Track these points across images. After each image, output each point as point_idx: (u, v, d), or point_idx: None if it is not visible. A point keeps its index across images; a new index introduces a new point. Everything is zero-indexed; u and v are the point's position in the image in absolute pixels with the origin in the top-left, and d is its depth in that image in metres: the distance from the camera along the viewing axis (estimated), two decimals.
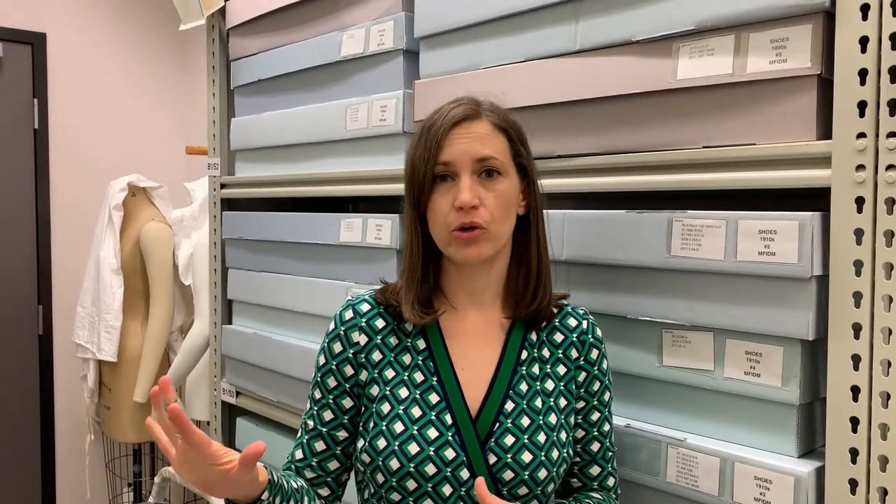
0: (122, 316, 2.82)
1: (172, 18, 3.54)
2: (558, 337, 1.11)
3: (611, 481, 1.13)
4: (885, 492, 0.92)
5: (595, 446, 1.12)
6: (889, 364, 0.92)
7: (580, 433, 1.12)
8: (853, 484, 0.94)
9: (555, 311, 1.12)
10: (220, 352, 2.11)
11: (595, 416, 1.12)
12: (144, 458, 3.12)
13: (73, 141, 3.38)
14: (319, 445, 1.09)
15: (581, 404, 1.11)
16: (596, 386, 1.12)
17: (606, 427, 1.13)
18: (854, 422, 0.94)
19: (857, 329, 0.94)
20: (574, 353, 1.11)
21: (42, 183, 3.31)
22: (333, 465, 1.09)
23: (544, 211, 1.12)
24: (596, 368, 1.12)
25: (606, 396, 1.13)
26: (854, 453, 0.94)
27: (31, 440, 3.32)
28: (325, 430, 1.09)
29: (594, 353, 1.12)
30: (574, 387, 1.10)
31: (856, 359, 0.94)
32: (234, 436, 2.09)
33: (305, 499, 1.04)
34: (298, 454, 1.10)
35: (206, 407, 2.60)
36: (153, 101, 3.60)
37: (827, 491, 0.97)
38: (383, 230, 1.56)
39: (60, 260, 3.36)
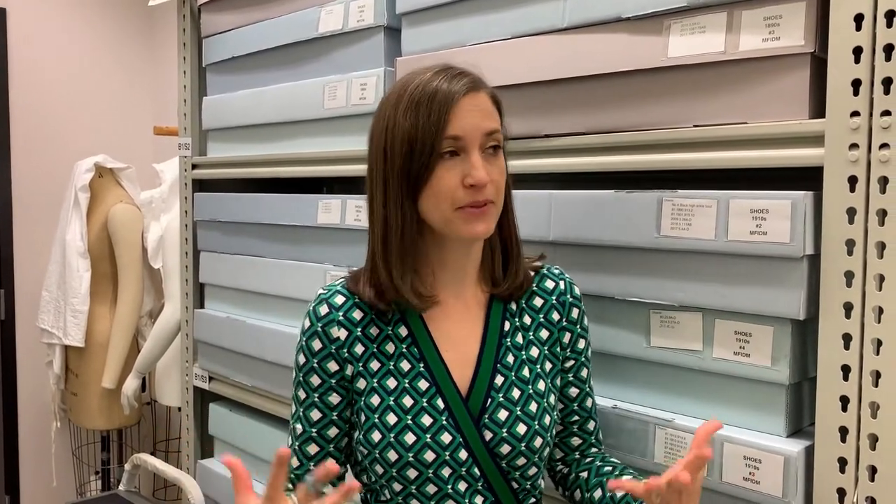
0: (90, 300, 2.75)
1: None
2: (538, 301, 1.10)
3: (599, 433, 1.16)
4: (874, 469, 0.92)
5: (588, 402, 1.14)
6: (880, 343, 0.92)
7: (574, 391, 1.12)
8: (842, 462, 0.95)
9: (532, 274, 1.11)
10: (192, 336, 2.07)
11: (584, 371, 1.13)
12: (112, 445, 3.07)
13: (36, 120, 3.27)
14: (312, 449, 1.06)
15: (570, 363, 1.11)
16: (581, 343, 1.12)
17: (591, 380, 1.15)
18: (844, 401, 0.94)
19: (848, 308, 0.94)
20: (556, 316, 1.10)
21: (3, 163, 3.20)
22: (330, 461, 1.07)
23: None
24: (579, 327, 1.12)
25: (590, 352, 1.14)
26: (843, 432, 0.94)
27: None
28: (314, 431, 1.06)
29: (575, 313, 1.12)
30: (559, 349, 1.10)
31: (847, 338, 0.94)
32: (206, 421, 2.06)
33: None
34: (294, 462, 1.06)
35: (177, 392, 2.56)
36: (120, 79, 3.50)
37: (816, 469, 0.97)
38: (363, 212, 1.53)
39: (23, 243, 3.26)
